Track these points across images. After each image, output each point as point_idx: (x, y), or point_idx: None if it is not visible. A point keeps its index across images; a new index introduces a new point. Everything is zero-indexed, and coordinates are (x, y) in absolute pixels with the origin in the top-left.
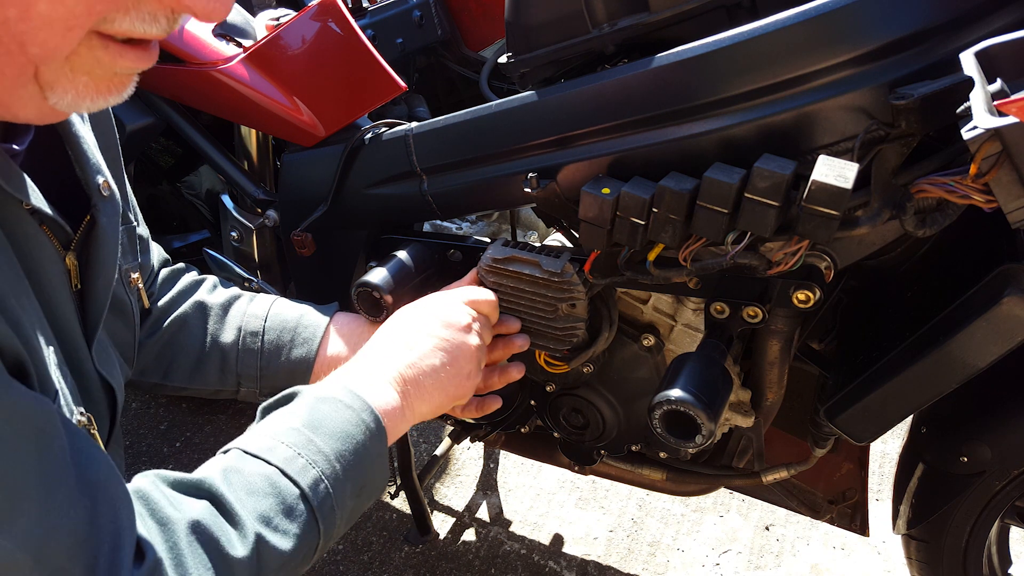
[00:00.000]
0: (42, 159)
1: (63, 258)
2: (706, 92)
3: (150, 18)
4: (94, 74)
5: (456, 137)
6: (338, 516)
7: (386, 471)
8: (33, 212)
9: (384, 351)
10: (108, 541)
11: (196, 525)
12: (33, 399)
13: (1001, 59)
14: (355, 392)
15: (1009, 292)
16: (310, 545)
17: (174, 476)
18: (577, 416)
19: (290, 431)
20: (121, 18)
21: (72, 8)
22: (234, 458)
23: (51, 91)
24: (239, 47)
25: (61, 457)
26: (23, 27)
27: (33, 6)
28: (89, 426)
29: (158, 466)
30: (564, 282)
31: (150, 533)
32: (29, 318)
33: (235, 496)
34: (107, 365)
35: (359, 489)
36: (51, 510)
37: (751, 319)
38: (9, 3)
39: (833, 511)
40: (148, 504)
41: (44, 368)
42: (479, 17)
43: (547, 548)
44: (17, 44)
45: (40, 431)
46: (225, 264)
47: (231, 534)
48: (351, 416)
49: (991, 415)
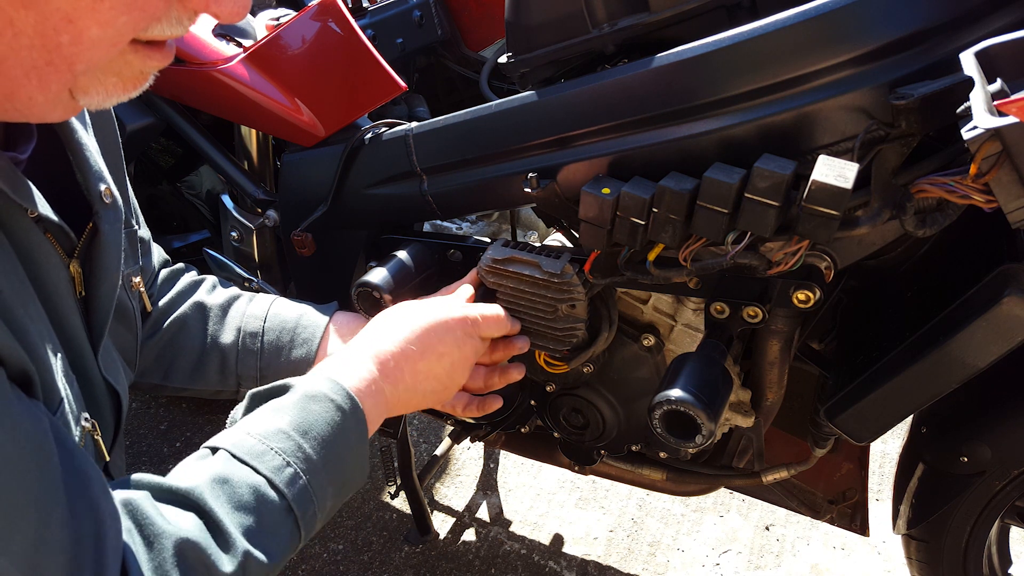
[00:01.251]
0: (44, 165)
1: (67, 265)
2: (706, 92)
3: (176, 22)
4: (122, 75)
5: (456, 137)
6: (319, 520)
7: (366, 469)
8: (38, 220)
9: (376, 342)
10: (93, 559)
11: (184, 543)
12: (32, 416)
13: (1001, 59)
14: (344, 388)
15: (1009, 292)
16: (291, 550)
17: (165, 486)
18: (577, 416)
19: (279, 435)
20: (155, 26)
21: (120, 28)
22: (222, 464)
23: (83, 95)
24: (239, 47)
25: (56, 475)
26: (74, 50)
27: (85, 31)
28: (93, 432)
29: (158, 466)
30: (564, 283)
31: (138, 550)
32: (36, 327)
33: (224, 511)
34: (112, 370)
35: (339, 490)
36: (46, 528)
37: (751, 319)
38: (62, 30)
39: (833, 511)
40: (137, 519)
41: (50, 377)
42: (479, 17)
43: (547, 548)
44: (67, 64)
45: (38, 449)
46: (225, 264)
47: (219, 553)
48: (341, 419)
49: (991, 415)
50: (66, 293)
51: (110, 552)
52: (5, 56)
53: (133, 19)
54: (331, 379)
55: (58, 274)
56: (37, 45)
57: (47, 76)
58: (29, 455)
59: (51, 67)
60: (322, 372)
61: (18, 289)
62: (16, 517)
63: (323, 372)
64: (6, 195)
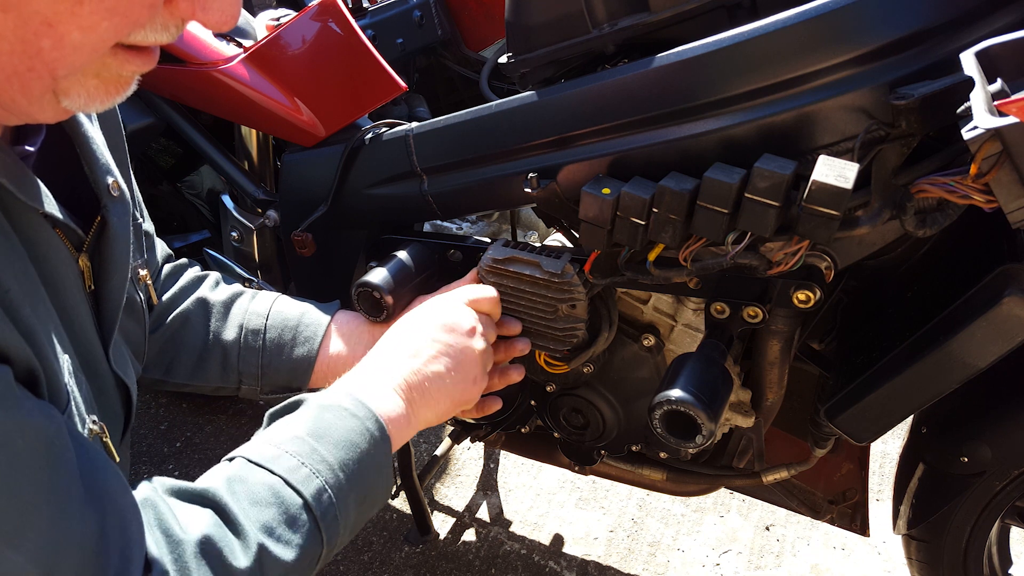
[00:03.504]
0: (52, 159)
1: (76, 260)
2: (706, 92)
3: (162, 28)
4: (102, 76)
5: (456, 137)
6: (341, 525)
7: (391, 479)
8: (46, 216)
9: (389, 357)
10: (117, 554)
11: (202, 538)
12: (43, 413)
13: (1001, 59)
14: (360, 400)
15: (1009, 292)
16: (313, 555)
17: (179, 485)
18: (577, 416)
19: (294, 440)
20: (138, 31)
21: (102, 33)
22: (238, 467)
23: (65, 97)
24: (239, 47)
25: (71, 471)
26: (56, 55)
27: (66, 36)
28: (102, 434)
29: (158, 466)
30: (564, 283)
31: (157, 546)
32: (44, 326)
33: (239, 506)
34: (122, 364)
35: (363, 498)
36: (61, 525)
37: (751, 319)
38: (43, 34)
39: (833, 511)
40: (155, 516)
41: (57, 377)
42: (479, 17)
43: (547, 548)
44: (48, 69)
45: (50, 445)
46: (225, 264)
47: (235, 544)
48: (356, 425)
49: (991, 415)
50: (75, 288)
51: (135, 547)
52: None
53: (115, 24)
54: (346, 391)
55: (67, 269)
56: (17, 50)
57: (28, 81)
58: (41, 451)
59: (32, 72)
60: (337, 385)
61: (26, 287)
62: (29, 513)
63: (338, 385)
64: (13, 194)
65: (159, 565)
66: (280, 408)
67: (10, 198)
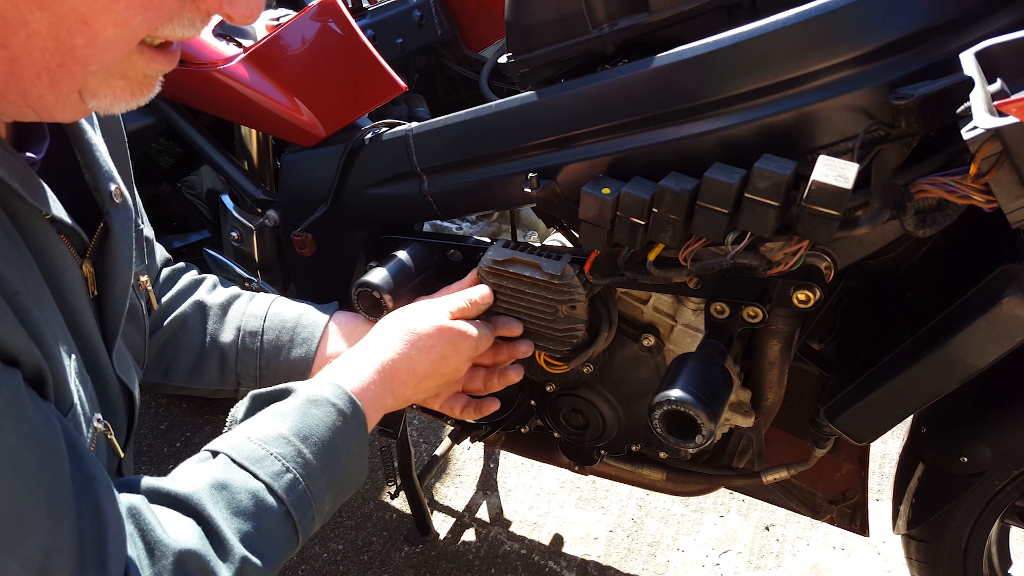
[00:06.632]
0: (55, 165)
1: (80, 266)
2: (706, 92)
3: (188, 23)
4: (128, 77)
5: (456, 137)
6: (316, 525)
7: (365, 471)
8: (52, 221)
9: (377, 346)
10: (95, 563)
11: (184, 551)
12: (46, 422)
13: (1001, 59)
14: (346, 391)
15: (1009, 292)
16: (288, 554)
17: (164, 490)
18: (577, 416)
19: (279, 440)
20: (166, 25)
21: (135, 28)
22: (222, 468)
23: (92, 97)
24: (239, 47)
25: (67, 480)
26: (88, 51)
27: (101, 32)
28: (107, 432)
29: (158, 466)
30: (564, 284)
31: (139, 557)
32: (51, 328)
33: (222, 516)
34: (125, 369)
35: (336, 493)
36: (56, 533)
37: (751, 319)
38: (77, 32)
39: (833, 511)
40: (139, 525)
41: (63, 378)
42: (479, 17)
43: (547, 548)
44: (80, 66)
45: (51, 454)
46: (225, 264)
47: (217, 561)
48: (342, 424)
49: (991, 415)
50: (80, 293)
51: (113, 557)
52: (18, 56)
53: (148, 19)
54: (334, 383)
55: (72, 274)
56: (51, 47)
57: (58, 77)
58: (43, 461)
59: (63, 68)
60: (325, 376)
61: (34, 290)
62: (28, 522)
63: (326, 376)
64: (22, 197)
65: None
66: (266, 394)
67: (18, 202)
